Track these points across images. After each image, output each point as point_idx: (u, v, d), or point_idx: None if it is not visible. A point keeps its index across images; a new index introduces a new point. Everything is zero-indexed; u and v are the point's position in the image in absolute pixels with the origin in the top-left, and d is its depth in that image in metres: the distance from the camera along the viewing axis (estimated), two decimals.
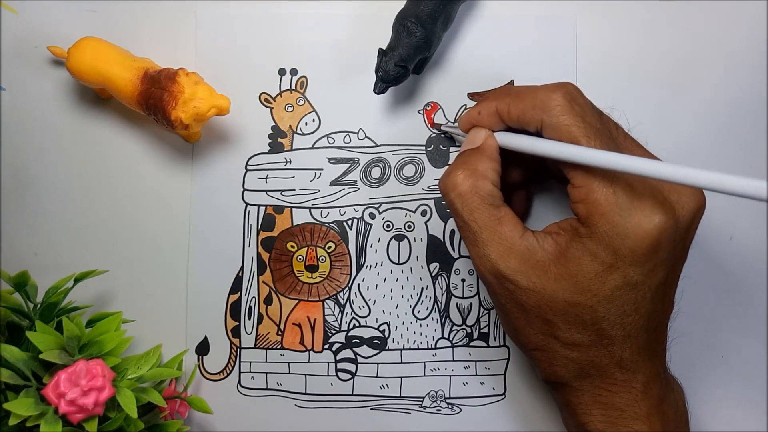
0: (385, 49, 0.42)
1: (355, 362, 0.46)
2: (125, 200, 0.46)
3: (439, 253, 0.46)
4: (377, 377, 0.46)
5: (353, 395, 0.46)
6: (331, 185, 0.46)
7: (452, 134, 0.45)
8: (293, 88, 0.46)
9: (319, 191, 0.46)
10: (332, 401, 0.46)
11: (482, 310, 0.46)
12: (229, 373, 0.46)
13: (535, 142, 0.36)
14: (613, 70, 0.46)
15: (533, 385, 0.46)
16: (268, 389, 0.46)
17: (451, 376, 0.46)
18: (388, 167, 0.46)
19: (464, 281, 0.46)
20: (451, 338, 0.46)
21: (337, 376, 0.46)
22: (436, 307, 0.46)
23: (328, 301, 0.46)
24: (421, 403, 0.46)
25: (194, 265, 0.46)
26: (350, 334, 0.46)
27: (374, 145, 0.46)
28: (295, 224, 0.46)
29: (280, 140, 0.46)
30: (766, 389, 0.46)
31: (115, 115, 0.46)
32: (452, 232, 0.46)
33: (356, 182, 0.46)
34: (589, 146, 0.34)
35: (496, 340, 0.46)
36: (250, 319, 0.46)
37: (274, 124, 0.46)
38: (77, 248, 0.46)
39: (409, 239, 0.46)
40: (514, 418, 0.46)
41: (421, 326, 0.46)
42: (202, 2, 0.46)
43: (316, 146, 0.46)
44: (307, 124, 0.46)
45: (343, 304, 0.46)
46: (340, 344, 0.46)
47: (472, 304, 0.46)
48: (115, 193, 0.46)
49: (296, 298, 0.46)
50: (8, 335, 0.39)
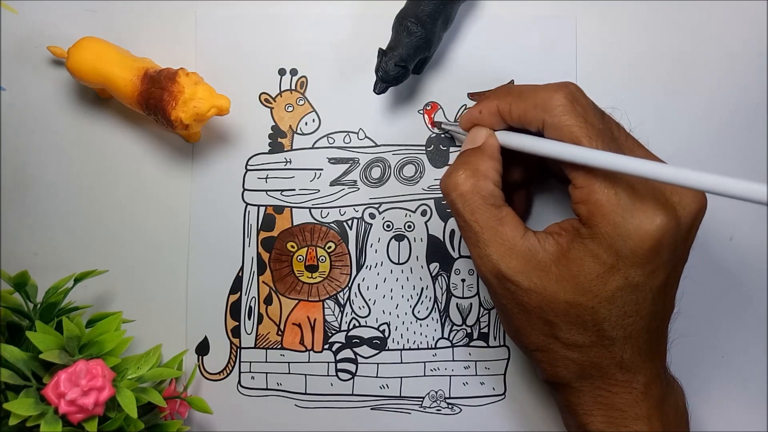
0: (385, 49, 0.42)
1: (355, 362, 0.46)
2: (125, 200, 0.46)
3: (439, 253, 0.46)
4: (377, 377, 0.46)
5: (353, 395, 0.46)
6: (331, 185, 0.46)
7: (452, 132, 0.45)
8: (293, 88, 0.46)
9: (319, 191, 0.46)
10: (332, 401, 0.46)
11: (482, 310, 0.46)
12: (229, 373, 0.46)
13: (536, 141, 0.36)
14: (613, 70, 0.46)
15: (533, 385, 0.46)
16: (268, 389, 0.46)
17: (451, 376, 0.46)
18: (388, 167, 0.46)
19: (464, 281, 0.46)
20: (451, 338, 0.46)
21: (337, 376, 0.46)
22: (436, 307, 0.46)
23: (328, 301, 0.46)
24: (421, 403, 0.46)
25: (194, 265, 0.46)
26: (350, 334, 0.46)
27: (374, 145, 0.46)
28: (295, 224, 0.46)
29: (280, 140, 0.46)
30: (766, 389, 0.46)
31: (115, 115, 0.46)
32: (452, 232, 0.46)
33: (356, 182, 0.46)
34: (590, 147, 0.34)
35: (496, 340, 0.46)
36: (250, 319, 0.46)
37: (274, 124, 0.46)
38: (77, 248, 0.46)
39: (409, 239, 0.46)
40: (514, 418, 0.46)
41: (421, 326, 0.46)
42: (202, 2, 0.46)
43: (316, 146, 0.46)
44: (307, 124, 0.46)
45: (343, 304, 0.46)
46: (340, 344, 0.46)
47: (472, 304, 0.46)
48: (115, 193, 0.46)
49: (296, 298, 0.46)
50: (8, 335, 0.39)
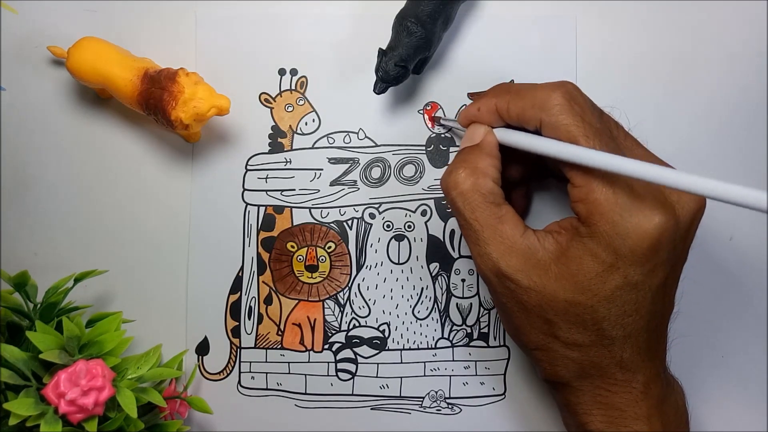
0: (385, 49, 0.42)
1: (355, 362, 0.46)
2: (125, 200, 0.46)
3: (439, 253, 0.46)
4: (377, 377, 0.46)
5: (353, 395, 0.46)
6: (331, 185, 0.46)
7: (451, 128, 0.45)
8: (293, 88, 0.46)
9: (319, 191, 0.46)
10: (332, 401, 0.46)
11: (482, 310, 0.46)
12: (229, 373, 0.46)
13: (534, 140, 0.36)
14: (613, 70, 0.46)
15: (533, 385, 0.46)
16: (268, 389, 0.46)
17: (451, 376, 0.46)
18: (388, 167, 0.46)
19: (464, 281, 0.46)
20: (451, 338, 0.46)
21: (337, 376, 0.46)
22: (436, 307, 0.46)
23: (328, 301, 0.46)
24: (421, 403, 0.46)
25: (194, 265, 0.46)
26: (350, 334, 0.46)
27: (374, 145, 0.46)
28: (295, 224, 0.46)
29: (280, 140, 0.46)
30: (766, 389, 0.46)
31: (115, 115, 0.46)
32: (452, 232, 0.46)
33: (356, 182, 0.46)
34: (587, 146, 0.34)
35: (496, 340, 0.46)
36: (250, 319, 0.46)
37: (274, 124, 0.46)
38: (77, 248, 0.46)
39: (409, 239, 0.46)
40: (514, 418, 0.46)
41: (421, 326, 0.46)
42: (202, 2, 0.46)
43: (316, 146, 0.46)
44: (307, 124, 0.46)
45: (343, 304, 0.46)
46: (340, 344, 0.46)
47: (472, 304, 0.46)
48: (115, 193, 0.46)
49: (296, 298, 0.46)
50: (8, 335, 0.39)
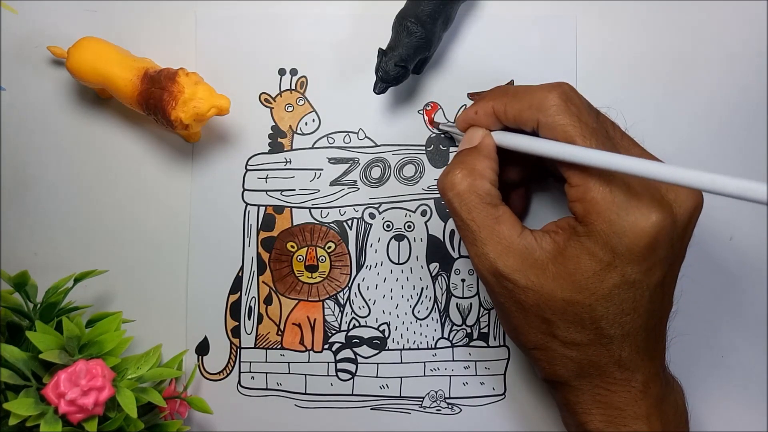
0: (385, 49, 0.42)
1: (355, 362, 0.46)
2: (125, 200, 0.46)
3: (439, 253, 0.46)
4: (377, 377, 0.46)
5: (353, 395, 0.46)
6: (331, 185, 0.46)
7: (450, 133, 0.45)
8: (293, 88, 0.46)
9: (319, 191, 0.46)
10: (332, 401, 0.46)
11: (482, 310, 0.46)
12: (229, 373, 0.46)
13: (531, 141, 0.36)
14: (613, 70, 0.46)
15: (533, 385, 0.46)
16: (268, 389, 0.46)
17: (451, 376, 0.46)
18: (388, 167, 0.46)
19: (464, 281, 0.46)
20: (451, 338, 0.46)
21: (337, 376, 0.46)
22: (436, 307, 0.46)
23: (328, 301, 0.46)
24: (421, 403, 0.46)
25: (194, 265, 0.46)
26: (350, 334, 0.46)
27: (374, 145, 0.46)
28: (295, 224, 0.46)
29: (280, 140, 0.46)
30: (766, 389, 0.45)
31: (115, 115, 0.46)
32: (452, 232, 0.46)
33: (356, 182, 0.46)
34: (584, 146, 0.34)
35: (496, 340, 0.46)
36: (250, 319, 0.46)
37: (274, 124, 0.46)
38: (77, 248, 0.46)
39: (409, 239, 0.46)
40: (514, 418, 0.46)
41: (421, 326, 0.46)
42: (202, 2, 0.46)
43: (316, 146, 0.46)
44: (307, 124, 0.46)
45: (343, 304, 0.46)
46: (340, 344, 0.46)
47: (472, 304, 0.46)
48: (115, 193, 0.46)
49: (296, 298, 0.46)
50: (8, 335, 0.39)
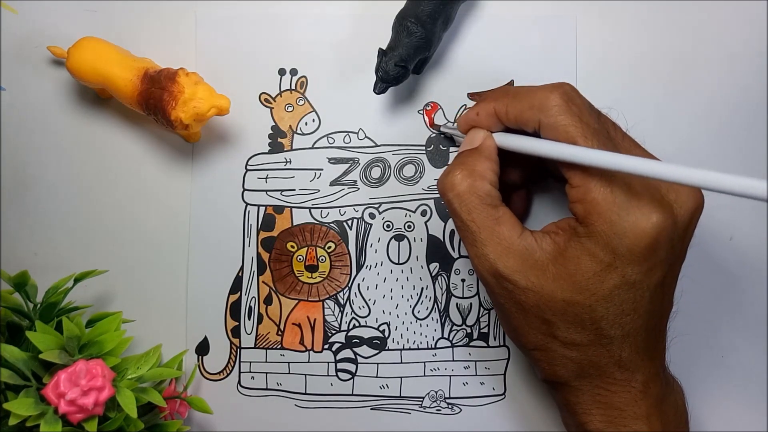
0: (385, 49, 0.42)
1: (355, 362, 0.46)
2: (125, 200, 0.46)
3: (439, 253, 0.46)
4: (377, 377, 0.46)
5: (353, 395, 0.46)
6: (331, 185, 0.46)
7: (452, 135, 0.45)
8: (293, 88, 0.46)
9: (319, 191, 0.46)
10: (332, 401, 0.46)
11: (482, 310, 0.46)
12: (229, 373, 0.46)
13: (532, 142, 0.36)
14: (613, 70, 0.46)
15: (533, 385, 0.46)
16: (268, 389, 0.46)
17: (451, 376, 0.46)
18: (388, 167, 0.46)
19: (464, 281, 0.46)
20: (451, 338, 0.46)
21: (337, 376, 0.46)
22: (436, 307, 0.46)
23: (328, 301, 0.46)
24: (421, 403, 0.46)
25: (194, 265, 0.46)
26: (350, 334, 0.46)
27: (374, 145, 0.46)
28: (295, 224, 0.46)
29: (280, 140, 0.46)
30: (766, 389, 0.45)
31: (115, 115, 0.46)
32: (452, 232, 0.46)
33: (356, 182, 0.46)
34: (586, 146, 0.34)
35: (496, 340, 0.46)
36: (250, 319, 0.46)
37: (274, 124, 0.46)
38: (77, 248, 0.46)
39: (409, 239, 0.46)
40: (514, 418, 0.46)
41: (421, 326, 0.46)
42: (202, 2, 0.46)
43: (316, 146, 0.46)
44: (307, 124, 0.46)
45: (343, 304, 0.46)
46: (340, 344, 0.46)
47: (472, 304, 0.46)
48: (115, 193, 0.46)
49: (296, 298, 0.46)
50: (8, 335, 0.39)
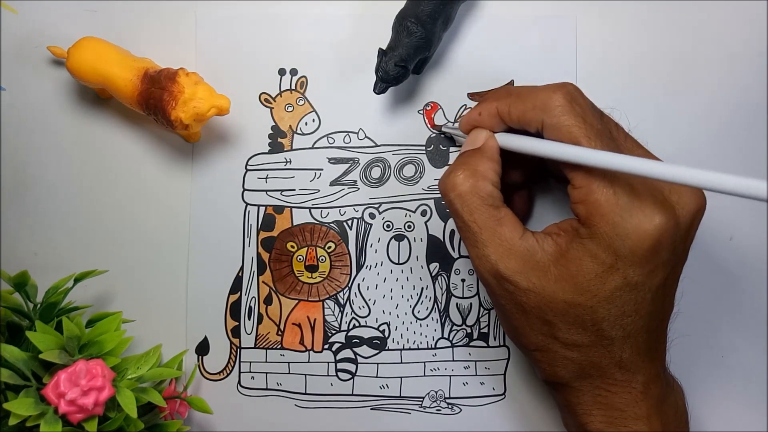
0: (385, 49, 0.42)
1: (355, 362, 0.46)
2: (125, 200, 0.46)
3: (439, 253, 0.46)
4: (377, 377, 0.46)
5: (353, 395, 0.46)
6: (331, 185, 0.46)
7: (453, 135, 0.45)
8: (293, 88, 0.46)
9: (319, 191, 0.46)
10: (332, 401, 0.46)
11: (482, 310, 0.46)
12: (229, 373, 0.46)
13: (535, 143, 0.36)
14: (613, 70, 0.46)
15: (533, 385, 0.46)
16: (268, 389, 0.46)
17: (451, 376, 0.46)
18: (388, 167, 0.46)
19: (464, 281, 0.46)
20: (451, 338, 0.46)
21: (337, 376, 0.46)
22: (436, 307, 0.46)
23: (328, 301, 0.46)
24: (421, 403, 0.46)
25: (194, 265, 0.46)
26: (350, 334, 0.46)
27: (374, 145, 0.46)
28: (295, 224, 0.46)
29: (280, 140, 0.46)
30: (766, 389, 0.46)
31: (115, 115, 0.46)
32: (452, 232, 0.46)
33: (356, 182, 0.46)
34: (589, 147, 0.34)
35: (496, 340, 0.46)
36: (250, 319, 0.46)
37: (274, 124, 0.46)
38: (77, 248, 0.46)
39: (409, 239, 0.46)
40: (514, 418, 0.46)
41: (421, 326, 0.46)
42: (202, 2, 0.46)
43: (316, 146, 0.46)
44: (307, 124, 0.46)
45: (343, 304, 0.46)
46: (340, 344, 0.46)
47: (472, 304, 0.46)
48: (115, 193, 0.46)
49: (296, 298, 0.46)
50: (8, 335, 0.39)
